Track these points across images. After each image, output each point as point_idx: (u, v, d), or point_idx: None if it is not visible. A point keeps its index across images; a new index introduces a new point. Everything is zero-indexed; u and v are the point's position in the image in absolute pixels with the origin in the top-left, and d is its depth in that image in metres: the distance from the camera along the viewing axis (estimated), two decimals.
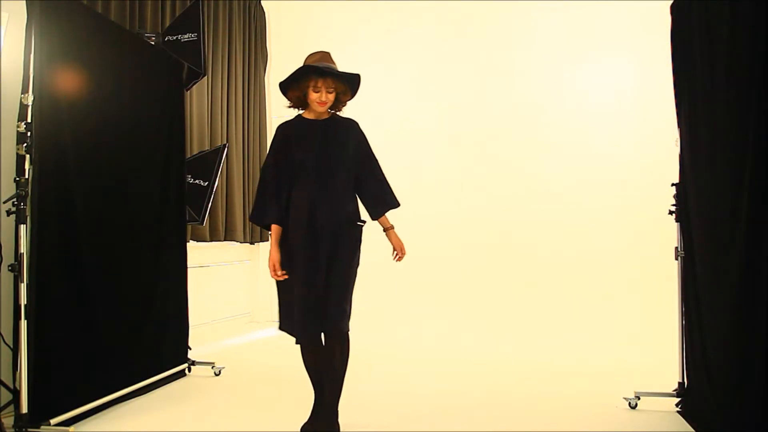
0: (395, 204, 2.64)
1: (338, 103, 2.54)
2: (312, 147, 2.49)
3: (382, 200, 2.62)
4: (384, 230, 2.64)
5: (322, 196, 2.45)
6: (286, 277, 2.44)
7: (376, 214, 2.63)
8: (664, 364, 3.23)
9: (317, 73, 2.42)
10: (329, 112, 2.57)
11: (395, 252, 2.61)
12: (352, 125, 2.61)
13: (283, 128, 2.58)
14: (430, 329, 4.86)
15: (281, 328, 2.54)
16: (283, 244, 2.49)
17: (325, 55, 2.52)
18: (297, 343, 2.44)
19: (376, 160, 2.64)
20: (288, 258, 2.46)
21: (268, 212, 2.50)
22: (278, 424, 2.73)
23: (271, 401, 3.12)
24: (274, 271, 2.44)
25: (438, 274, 5.23)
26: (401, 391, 3.25)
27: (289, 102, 2.57)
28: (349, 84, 2.52)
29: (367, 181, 2.62)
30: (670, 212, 2.96)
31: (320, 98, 2.45)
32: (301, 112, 2.60)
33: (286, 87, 2.52)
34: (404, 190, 5.24)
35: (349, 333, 2.49)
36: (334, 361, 2.44)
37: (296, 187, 2.50)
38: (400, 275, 5.19)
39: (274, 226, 2.50)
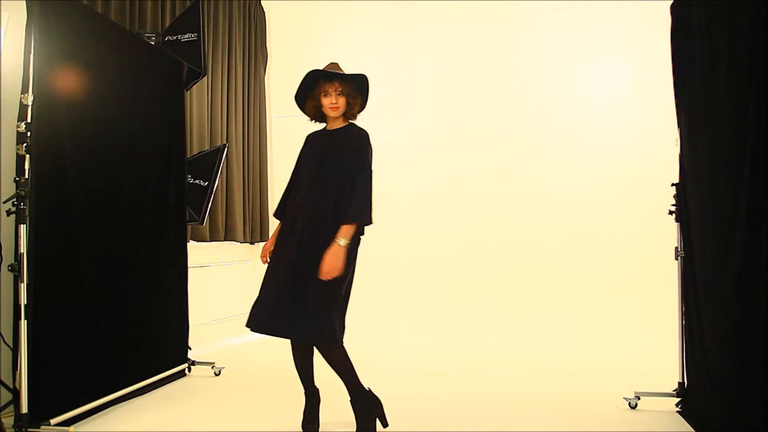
0: (351, 219, 2.41)
1: (350, 109, 2.58)
2: (315, 156, 2.58)
3: (343, 211, 2.45)
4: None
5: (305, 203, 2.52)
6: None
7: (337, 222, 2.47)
8: (664, 364, 3.23)
9: (324, 77, 2.53)
10: (346, 121, 2.62)
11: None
12: (349, 135, 2.57)
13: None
14: (429, 329, 4.85)
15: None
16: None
17: (333, 65, 2.62)
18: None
19: (364, 173, 2.48)
20: None
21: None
22: (278, 424, 2.73)
23: (271, 401, 3.12)
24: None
25: (437, 274, 5.23)
26: (399, 391, 3.25)
27: (308, 116, 2.66)
28: (356, 85, 2.57)
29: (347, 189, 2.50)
30: (670, 212, 2.96)
31: (331, 102, 2.53)
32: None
33: (303, 99, 2.62)
34: (404, 190, 5.30)
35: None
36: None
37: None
38: (399, 275, 5.22)
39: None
